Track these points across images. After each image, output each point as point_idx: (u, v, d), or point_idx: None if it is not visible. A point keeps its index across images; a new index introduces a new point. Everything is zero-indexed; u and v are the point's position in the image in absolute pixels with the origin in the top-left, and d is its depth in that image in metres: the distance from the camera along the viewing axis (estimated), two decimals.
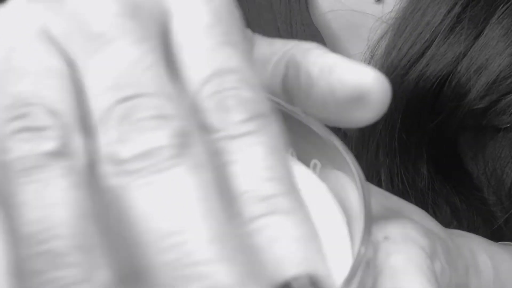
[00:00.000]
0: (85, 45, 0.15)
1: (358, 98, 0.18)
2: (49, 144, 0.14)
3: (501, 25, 0.38)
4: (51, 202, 0.13)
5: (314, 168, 0.22)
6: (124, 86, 0.14)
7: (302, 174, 0.22)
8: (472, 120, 0.39)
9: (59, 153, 0.14)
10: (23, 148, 0.14)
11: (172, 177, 0.14)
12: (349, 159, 0.20)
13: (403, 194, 0.39)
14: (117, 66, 0.15)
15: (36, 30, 0.16)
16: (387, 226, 0.23)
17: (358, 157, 0.42)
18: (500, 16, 0.39)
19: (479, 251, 0.30)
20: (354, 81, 0.18)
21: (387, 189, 0.40)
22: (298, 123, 0.21)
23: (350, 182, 0.20)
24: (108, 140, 0.14)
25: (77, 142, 0.14)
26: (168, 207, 0.13)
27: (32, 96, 0.14)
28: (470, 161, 0.41)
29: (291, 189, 0.15)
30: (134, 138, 0.14)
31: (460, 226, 0.40)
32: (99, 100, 0.15)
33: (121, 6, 0.15)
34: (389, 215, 0.24)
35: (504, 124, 0.39)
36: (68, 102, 0.15)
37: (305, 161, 0.23)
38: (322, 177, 0.22)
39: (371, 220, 0.18)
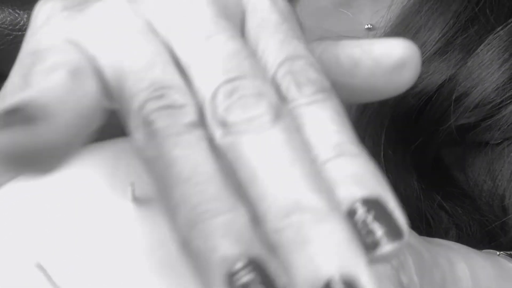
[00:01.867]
0: (187, 39, 0.19)
1: (401, 65, 0.21)
2: (188, 117, 0.18)
3: (486, 55, 0.40)
4: (197, 159, 0.17)
5: None
6: (230, 70, 0.18)
7: None
8: (452, 139, 0.40)
9: (196, 124, 0.18)
10: (167, 120, 0.18)
11: (270, 135, 0.18)
12: None
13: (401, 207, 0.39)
14: (221, 55, 0.19)
15: (142, 24, 0.20)
16: None
17: None
18: (485, 47, 0.40)
19: (457, 259, 0.31)
20: (395, 52, 0.21)
21: None
22: None
23: None
24: (218, 110, 0.18)
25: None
26: (268, 157, 0.17)
27: (163, 80, 0.18)
28: (458, 174, 0.41)
29: (355, 139, 0.19)
30: (241, 108, 0.18)
31: (459, 231, 0.40)
32: (207, 80, 0.19)
33: (215, 7, 0.20)
34: None
35: (495, 140, 0.39)
36: (181, 82, 0.19)
37: None
38: None
39: None
